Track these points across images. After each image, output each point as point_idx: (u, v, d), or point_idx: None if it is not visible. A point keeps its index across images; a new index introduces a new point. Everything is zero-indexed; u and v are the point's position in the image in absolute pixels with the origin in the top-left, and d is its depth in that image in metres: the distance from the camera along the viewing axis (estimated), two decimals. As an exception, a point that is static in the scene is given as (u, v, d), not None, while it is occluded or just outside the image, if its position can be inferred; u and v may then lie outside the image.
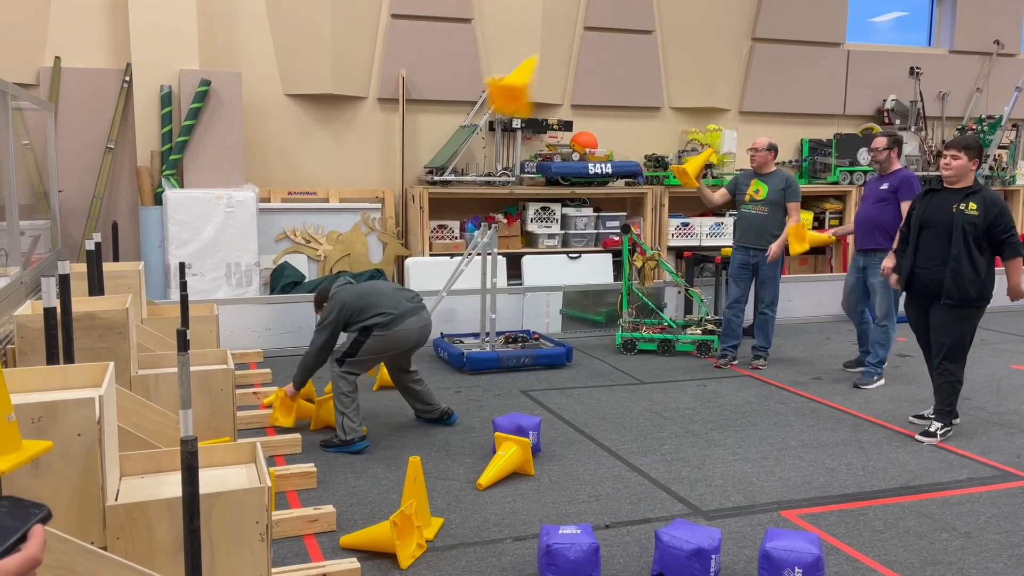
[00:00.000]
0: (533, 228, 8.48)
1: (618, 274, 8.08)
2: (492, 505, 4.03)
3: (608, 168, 8.43)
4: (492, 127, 8.36)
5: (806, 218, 8.90)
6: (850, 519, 3.93)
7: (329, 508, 3.78)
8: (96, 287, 4.59)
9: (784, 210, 6.53)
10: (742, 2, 9.47)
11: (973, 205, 4.86)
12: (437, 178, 7.97)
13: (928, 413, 5.38)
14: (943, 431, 5.05)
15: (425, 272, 7.67)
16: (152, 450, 3.02)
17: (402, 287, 5.13)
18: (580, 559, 3.16)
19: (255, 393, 5.54)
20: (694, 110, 9.52)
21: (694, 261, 8.34)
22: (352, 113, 8.34)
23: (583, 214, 8.63)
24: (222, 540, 2.62)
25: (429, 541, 3.61)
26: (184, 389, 2.38)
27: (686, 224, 8.97)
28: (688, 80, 9.40)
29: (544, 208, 8.50)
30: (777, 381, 6.43)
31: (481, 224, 6.98)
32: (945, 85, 10.37)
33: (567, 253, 8.43)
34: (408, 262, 7.83)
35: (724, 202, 6.99)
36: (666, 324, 7.41)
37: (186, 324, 4.70)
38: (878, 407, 5.76)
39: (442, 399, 5.40)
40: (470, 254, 6.92)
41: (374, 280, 5.31)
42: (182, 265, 4.98)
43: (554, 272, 8.24)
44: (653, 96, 9.33)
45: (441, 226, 8.27)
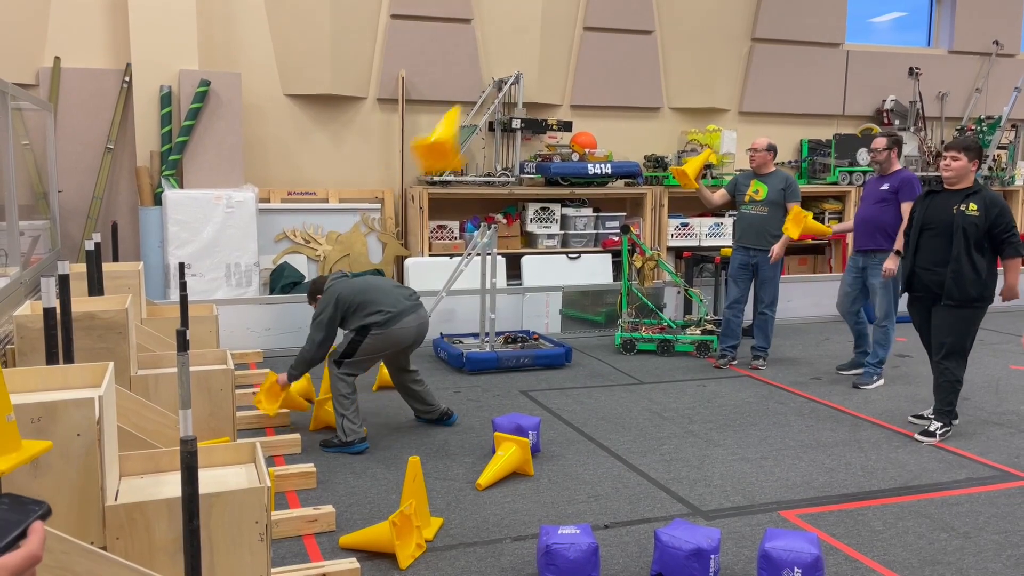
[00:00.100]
0: (532, 228, 8.48)
1: (617, 274, 8.08)
2: (491, 505, 4.03)
3: (607, 168, 8.43)
4: (492, 127, 8.36)
5: (809, 220, 8.89)
6: (849, 519, 3.93)
7: (328, 508, 3.78)
8: (96, 287, 4.59)
9: (784, 210, 6.55)
10: (742, 2, 9.48)
11: (974, 206, 4.87)
12: (437, 178, 7.97)
13: (928, 413, 5.39)
14: (942, 431, 5.06)
15: (425, 272, 7.67)
16: (152, 450, 3.02)
17: (400, 284, 5.13)
18: (579, 559, 3.16)
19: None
20: (693, 110, 9.52)
21: (693, 261, 8.34)
22: (352, 113, 8.34)
23: (582, 214, 8.63)
24: (221, 540, 2.62)
25: (428, 541, 3.62)
26: (184, 389, 2.38)
27: (685, 224, 8.98)
28: (688, 80, 9.40)
29: (543, 208, 8.50)
30: (776, 381, 6.43)
31: (480, 224, 6.99)
32: (944, 85, 10.37)
33: (566, 253, 8.43)
34: (408, 262, 7.83)
35: (724, 203, 7.01)
36: (665, 324, 7.41)
37: (186, 324, 4.70)
38: (877, 407, 5.77)
39: (442, 399, 5.40)
40: (469, 254, 6.92)
41: (370, 276, 5.29)
42: (181, 265, 4.98)
43: (553, 272, 8.24)
44: (652, 96, 9.33)
45: (441, 226, 8.27)
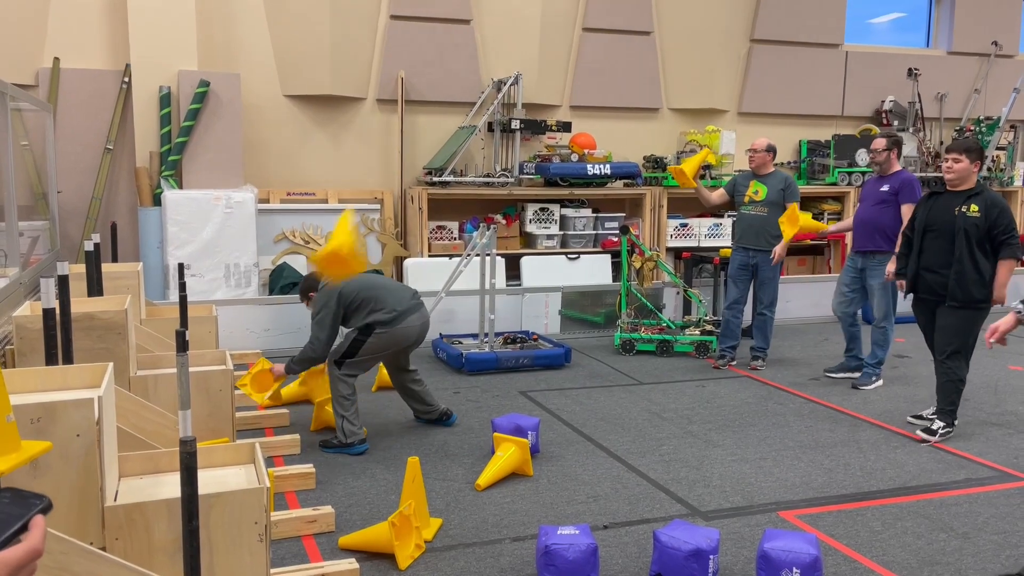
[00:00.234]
0: (532, 229, 8.48)
1: (617, 275, 8.08)
2: (491, 506, 4.03)
3: (607, 169, 8.43)
4: (491, 128, 8.36)
5: (804, 219, 8.89)
6: (848, 519, 3.93)
7: (328, 509, 3.78)
8: (95, 288, 4.59)
9: (783, 211, 6.55)
10: (741, 3, 9.48)
11: (975, 207, 4.90)
12: (436, 179, 7.98)
13: (927, 413, 5.40)
14: (944, 431, 5.07)
15: (424, 273, 7.67)
16: (151, 451, 3.02)
17: (400, 284, 5.12)
18: (578, 560, 3.17)
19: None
20: (693, 111, 9.52)
21: (693, 262, 8.34)
22: (351, 114, 8.35)
23: (582, 215, 8.64)
24: (221, 541, 2.62)
25: (428, 542, 3.62)
26: (183, 390, 2.38)
27: (685, 225, 8.98)
28: (687, 81, 9.40)
29: (543, 209, 8.50)
30: (775, 382, 6.44)
31: (480, 225, 6.99)
32: (943, 86, 10.38)
33: (566, 254, 8.43)
34: (407, 263, 7.83)
35: (722, 202, 7.01)
36: (665, 325, 7.42)
37: (185, 325, 4.70)
38: (876, 408, 5.77)
39: (441, 400, 5.40)
40: (469, 255, 6.92)
41: (373, 275, 5.25)
42: (181, 266, 4.98)
43: (553, 273, 8.24)
44: (652, 97, 9.34)
45: (440, 227, 8.27)
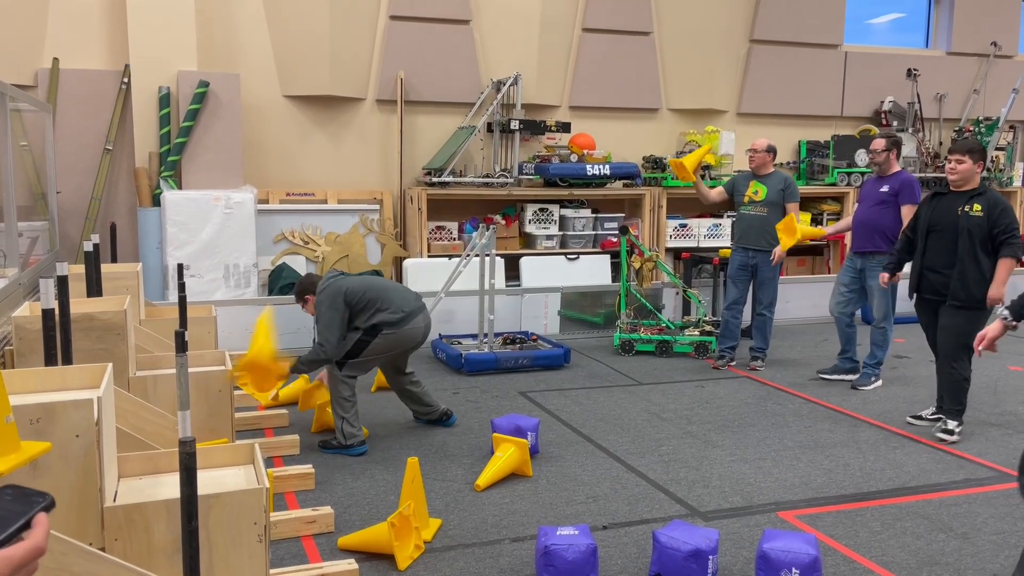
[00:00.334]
0: (531, 229, 8.48)
1: (616, 275, 8.08)
2: (490, 506, 4.03)
3: (606, 169, 8.44)
4: (490, 128, 8.36)
5: (804, 219, 8.90)
6: (847, 520, 3.93)
7: (327, 509, 3.78)
8: (94, 288, 4.59)
9: (783, 211, 6.55)
10: (740, 4, 9.49)
11: (978, 207, 4.93)
12: (435, 179, 7.98)
13: (927, 414, 5.40)
14: (960, 428, 5.11)
15: (423, 273, 7.67)
16: (150, 451, 3.02)
17: (402, 285, 5.12)
18: (578, 560, 3.17)
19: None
20: (692, 111, 9.53)
21: (692, 262, 8.34)
22: (350, 114, 8.35)
23: (581, 215, 8.64)
24: (220, 541, 2.62)
25: (427, 542, 3.62)
26: (182, 390, 2.38)
27: (684, 225, 8.98)
28: (686, 81, 9.40)
29: (542, 209, 8.50)
30: (775, 382, 6.44)
31: (479, 225, 6.99)
32: (942, 87, 10.39)
33: (565, 254, 8.43)
34: (406, 263, 7.83)
35: (720, 200, 6.99)
36: (664, 325, 7.42)
37: (184, 325, 4.70)
38: (875, 408, 5.77)
39: (440, 400, 5.40)
40: (468, 255, 6.92)
41: (373, 276, 5.26)
42: (180, 266, 4.98)
43: (552, 273, 8.24)
44: (651, 97, 9.34)
45: (439, 227, 8.27)
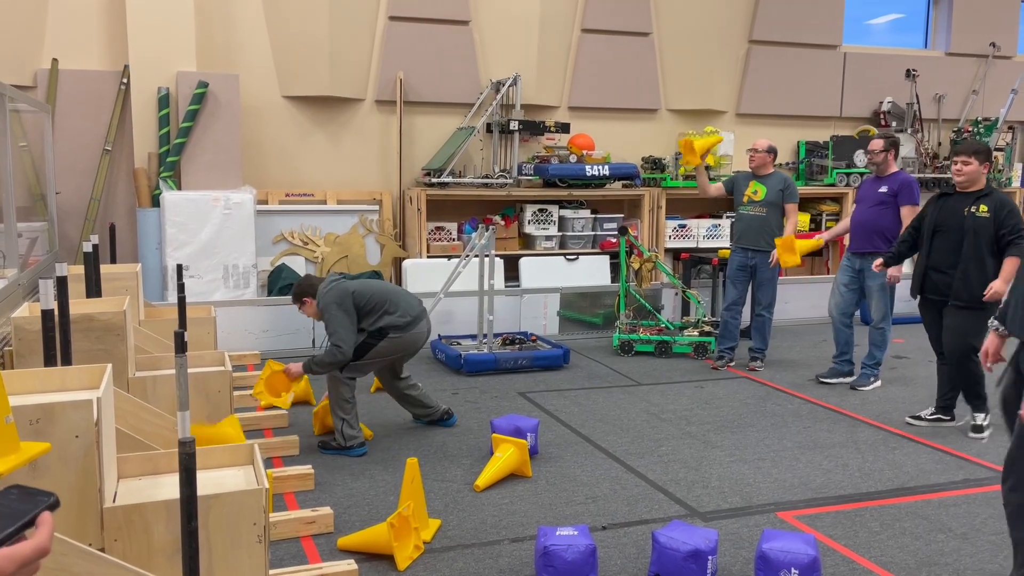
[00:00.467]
0: (530, 230, 8.48)
1: (615, 276, 8.08)
2: (489, 507, 4.03)
3: (605, 170, 8.44)
4: (490, 129, 8.37)
5: (803, 220, 8.91)
6: (847, 520, 3.94)
7: (327, 510, 3.78)
8: (94, 289, 4.59)
9: (782, 211, 6.55)
10: (739, 4, 9.49)
11: (984, 207, 4.95)
12: (435, 180, 7.98)
13: (926, 414, 5.41)
14: (987, 418, 5.14)
15: (423, 274, 7.67)
16: (150, 452, 3.02)
17: (404, 289, 5.13)
18: (577, 560, 3.17)
19: (252, 395, 5.53)
20: (691, 112, 9.53)
21: (691, 263, 8.34)
22: (350, 115, 8.35)
23: (580, 216, 8.64)
24: (220, 542, 2.62)
25: (426, 543, 3.62)
26: (182, 391, 2.38)
27: (683, 226, 8.99)
28: (685, 82, 9.40)
29: (541, 210, 8.50)
30: (774, 383, 6.44)
31: (479, 226, 6.99)
32: (941, 87, 10.39)
33: (564, 255, 8.43)
34: (406, 264, 7.83)
35: (718, 195, 6.99)
36: (663, 326, 7.42)
37: (183, 326, 4.71)
38: (875, 408, 5.78)
39: (440, 401, 5.40)
40: (468, 256, 6.92)
41: (375, 279, 5.28)
42: (179, 267, 4.99)
43: (551, 274, 8.24)
44: (650, 98, 9.34)
45: (439, 228, 8.27)
